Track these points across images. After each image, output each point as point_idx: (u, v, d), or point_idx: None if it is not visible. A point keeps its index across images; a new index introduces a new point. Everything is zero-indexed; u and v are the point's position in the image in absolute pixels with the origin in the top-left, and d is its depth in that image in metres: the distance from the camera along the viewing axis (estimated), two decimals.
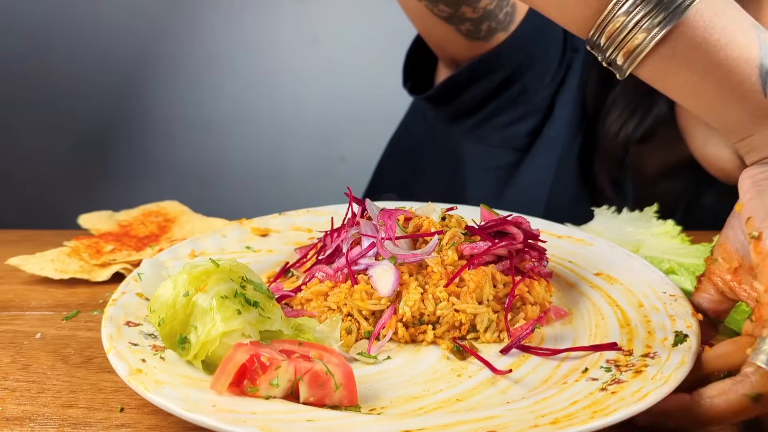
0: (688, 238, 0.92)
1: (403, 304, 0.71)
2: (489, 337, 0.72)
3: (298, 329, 0.66)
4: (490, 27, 1.06)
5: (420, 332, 0.72)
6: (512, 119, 1.20)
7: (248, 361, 0.57)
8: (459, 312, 0.72)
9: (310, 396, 0.58)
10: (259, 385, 0.57)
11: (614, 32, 0.61)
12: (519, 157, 1.21)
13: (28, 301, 0.83)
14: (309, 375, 0.58)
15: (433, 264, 0.73)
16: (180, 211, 1.06)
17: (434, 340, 0.71)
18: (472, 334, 0.72)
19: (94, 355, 0.70)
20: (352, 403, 0.59)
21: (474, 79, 1.15)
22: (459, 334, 0.72)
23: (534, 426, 0.53)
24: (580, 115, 1.18)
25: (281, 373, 0.57)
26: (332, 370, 0.58)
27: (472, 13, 1.02)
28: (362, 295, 0.72)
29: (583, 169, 1.21)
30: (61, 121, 2.12)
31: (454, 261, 0.74)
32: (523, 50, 1.12)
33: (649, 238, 0.92)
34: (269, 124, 2.26)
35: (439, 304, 0.71)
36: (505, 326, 0.72)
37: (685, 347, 0.64)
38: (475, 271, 0.73)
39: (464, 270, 0.73)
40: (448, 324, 0.71)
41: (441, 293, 0.72)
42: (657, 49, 0.61)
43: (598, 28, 0.62)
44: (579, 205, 1.21)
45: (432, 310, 0.71)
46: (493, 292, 0.74)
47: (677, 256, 0.86)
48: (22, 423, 0.59)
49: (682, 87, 0.63)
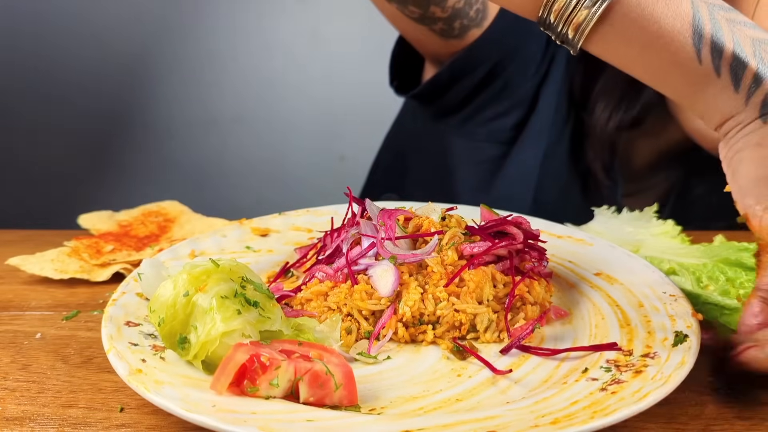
0: (688, 238, 0.92)
1: (403, 304, 0.71)
2: (489, 337, 0.72)
3: (298, 329, 0.66)
4: (462, 24, 1.07)
5: (420, 332, 0.72)
6: (497, 113, 1.21)
7: (248, 361, 0.57)
8: (459, 312, 0.71)
9: (310, 396, 0.58)
10: (259, 385, 0.57)
11: (561, 9, 0.64)
12: (505, 150, 1.22)
13: (28, 301, 0.83)
14: (309, 375, 0.58)
15: (433, 264, 0.73)
16: (180, 211, 1.06)
17: (434, 340, 0.71)
18: (472, 334, 0.72)
19: (94, 355, 0.70)
20: (352, 403, 0.59)
21: (456, 77, 1.16)
22: (459, 334, 0.72)
23: (534, 426, 0.53)
24: (566, 106, 1.19)
25: (281, 373, 0.57)
26: (332, 370, 0.58)
27: (441, 13, 1.03)
28: (362, 295, 0.72)
29: (575, 158, 1.22)
30: (61, 121, 2.12)
31: (454, 261, 0.74)
32: (500, 45, 1.13)
33: (649, 238, 0.92)
34: (269, 123, 2.26)
35: (439, 304, 0.71)
36: (505, 326, 0.72)
37: (685, 347, 0.64)
38: (475, 271, 0.73)
39: (464, 270, 0.73)
40: (448, 324, 0.71)
41: (441, 293, 0.72)
42: (599, 25, 0.63)
43: (545, 8, 0.65)
44: (568, 195, 1.22)
45: (432, 310, 0.71)
46: (493, 292, 0.74)
47: (677, 256, 0.86)
48: (22, 423, 0.59)
49: (628, 61, 0.65)
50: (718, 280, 0.78)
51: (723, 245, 0.84)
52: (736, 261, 0.79)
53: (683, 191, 1.22)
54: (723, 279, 0.77)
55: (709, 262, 0.81)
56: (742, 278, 0.77)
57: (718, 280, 0.78)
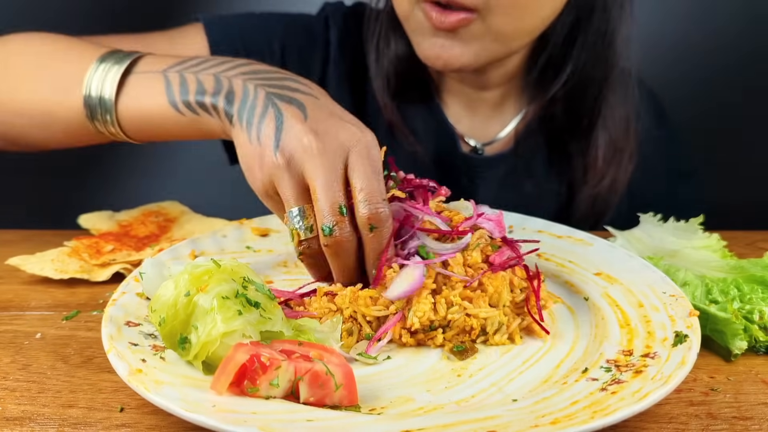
0: (730, 253, 0.90)
1: (412, 314, 0.69)
2: (498, 340, 0.71)
3: (299, 330, 0.66)
4: None
5: (429, 338, 0.70)
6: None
7: (248, 361, 0.57)
8: (470, 317, 0.70)
9: (310, 396, 0.58)
10: (259, 385, 0.57)
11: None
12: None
13: (28, 301, 0.83)
14: (309, 375, 0.58)
15: (454, 264, 0.72)
16: (180, 211, 1.06)
17: (443, 342, 0.70)
18: (482, 337, 0.71)
19: (94, 355, 0.70)
20: (352, 403, 0.59)
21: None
22: (468, 338, 0.70)
23: (534, 426, 0.53)
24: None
25: (281, 373, 0.57)
26: (332, 370, 0.58)
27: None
28: (367, 300, 0.71)
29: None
30: None
31: (477, 262, 0.73)
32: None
33: (688, 249, 0.90)
34: None
35: (451, 309, 0.70)
36: (515, 329, 0.71)
37: (685, 347, 0.64)
38: (494, 276, 0.72)
39: (484, 275, 0.72)
40: (458, 328, 0.70)
41: (455, 297, 0.70)
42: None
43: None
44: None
45: (443, 314, 0.70)
46: (510, 296, 0.73)
47: (708, 269, 0.84)
48: (22, 423, 0.59)
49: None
50: (729, 293, 0.76)
51: (753, 262, 0.82)
52: (761, 278, 0.78)
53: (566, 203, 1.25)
54: (735, 293, 0.76)
55: (729, 277, 0.80)
56: (758, 295, 0.75)
57: (728, 294, 0.76)
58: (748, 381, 0.68)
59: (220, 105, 0.76)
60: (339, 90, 1.15)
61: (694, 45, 1.66)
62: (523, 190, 1.18)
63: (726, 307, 0.72)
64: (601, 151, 1.13)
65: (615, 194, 1.16)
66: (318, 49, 1.16)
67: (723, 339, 0.72)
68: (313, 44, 1.16)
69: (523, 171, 1.18)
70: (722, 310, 0.72)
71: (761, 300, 0.75)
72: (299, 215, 0.70)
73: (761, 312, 0.73)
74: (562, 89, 1.12)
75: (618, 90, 1.12)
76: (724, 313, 0.71)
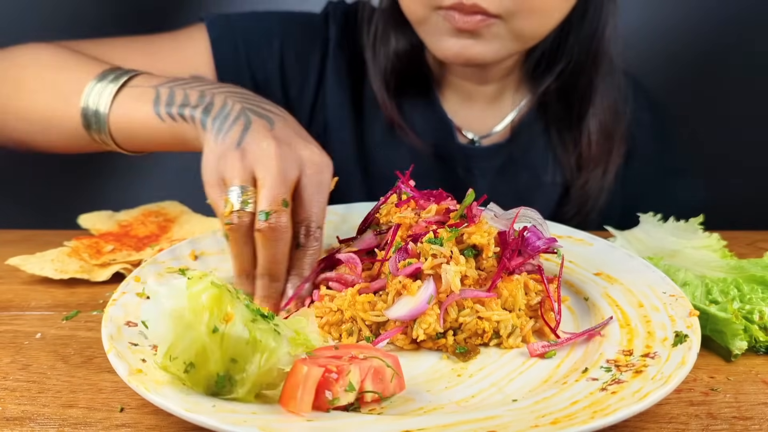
0: (730, 253, 0.90)
1: (417, 326, 0.68)
2: (512, 343, 0.70)
3: (296, 332, 0.65)
4: None
5: (437, 346, 0.70)
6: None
7: (322, 374, 0.56)
8: (482, 319, 0.69)
9: (375, 391, 0.59)
10: (338, 395, 0.57)
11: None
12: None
13: (28, 301, 0.83)
14: (371, 372, 0.59)
15: (468, 267, 0.71)
16: (180, 211, 1.06)
17: (454, 345, 0.69)
18: (495, 340, 0.71)
19: (94, 355, 0.70)
20: (402, 388, 0.61)
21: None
22: (481, 341, 0.70)
23: (534, 426, 0.53)
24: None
25: (352, 377, 0.58)
26: (387, 362, 0.60)
27: None
28: (365, 305, 0.70)
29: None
30: None
31: (492, 265, 0.72)
32: None
33: (688, 249, 0.90)
34: None
35: (462, 311, 0.69)
36: (529, 332, 0.71)
37: (685, 347, 0.64)
38: (508, 280, 0.72)
39: (499, 278, 0.71)
40: (470, 331, 0.70)
41: (466, 300, 0.70)
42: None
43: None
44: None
45: (455, 317, 0.69)
46: (525, 299, 0.73)
47: (708, 269, 0.84)
48: (22, 423, 0.59)
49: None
50: (729, 293, 0.76)
51: (753, 262, 0.82)
52: (761, 279, 0.78)
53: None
54: (735, 293, 0.76)
55: (729, 277, 0.80)
56: (758, 295, 0.75)
57: (728, 294, 0.76)
58: (748, 381, 0.68)
59: (197, 115, 0.79)
60: (338, 86, 1.16)
61: (694, 45, 1.66)
62: (519, 181, 1.19)
63: (726, 307, 0.72)
64: (593, 137, 1.15)
65: (607, 182, 1.18)
66: (317, 45, 1.17)
67: (723, 339, 0.72)
68: (312, 41, 1.17)
69: (519, 162, 1.19)
70: (722, 310, 0.72)
71: (761, 300, 0.75)
72: (239, 191, 0.70)
73: (761, 312, 0.73)
74: (556, 81, 1.15)
75: (606, 77, 1.15)
76: (724, 313, 0.71)
